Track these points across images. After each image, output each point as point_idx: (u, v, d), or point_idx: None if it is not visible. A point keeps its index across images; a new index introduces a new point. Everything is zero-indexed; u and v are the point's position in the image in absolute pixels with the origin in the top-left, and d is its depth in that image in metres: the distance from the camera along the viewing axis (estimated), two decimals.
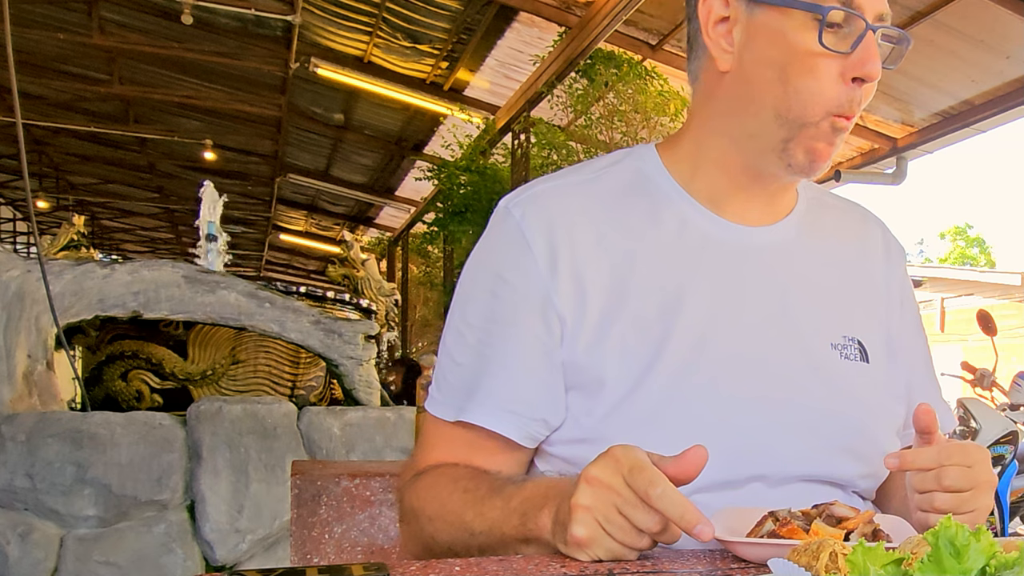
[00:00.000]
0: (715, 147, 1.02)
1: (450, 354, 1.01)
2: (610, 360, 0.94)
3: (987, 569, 0.52)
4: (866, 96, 0.95)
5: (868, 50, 0.92)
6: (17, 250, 13.50)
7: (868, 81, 0.93)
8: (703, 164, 1.03)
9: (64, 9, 7.94)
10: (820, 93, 0.93)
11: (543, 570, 0.73)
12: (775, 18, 0.93)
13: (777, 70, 0.94)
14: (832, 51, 0.92)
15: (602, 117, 6.75)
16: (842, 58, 0.92)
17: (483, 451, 0.97)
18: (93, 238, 13.75)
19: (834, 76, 0.93)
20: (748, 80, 0.97)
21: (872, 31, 0.92)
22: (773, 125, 0.96)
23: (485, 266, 1.02)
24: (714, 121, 1.01)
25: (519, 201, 1.01)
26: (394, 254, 13.55)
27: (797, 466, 0.96)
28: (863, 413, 1.01)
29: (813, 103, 0.93)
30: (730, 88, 0.99)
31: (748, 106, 0.97)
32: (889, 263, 1.14)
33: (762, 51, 0.95)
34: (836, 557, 0.62)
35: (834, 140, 0.96)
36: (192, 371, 4.09)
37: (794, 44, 0.92)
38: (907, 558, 0.54)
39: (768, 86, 0.95)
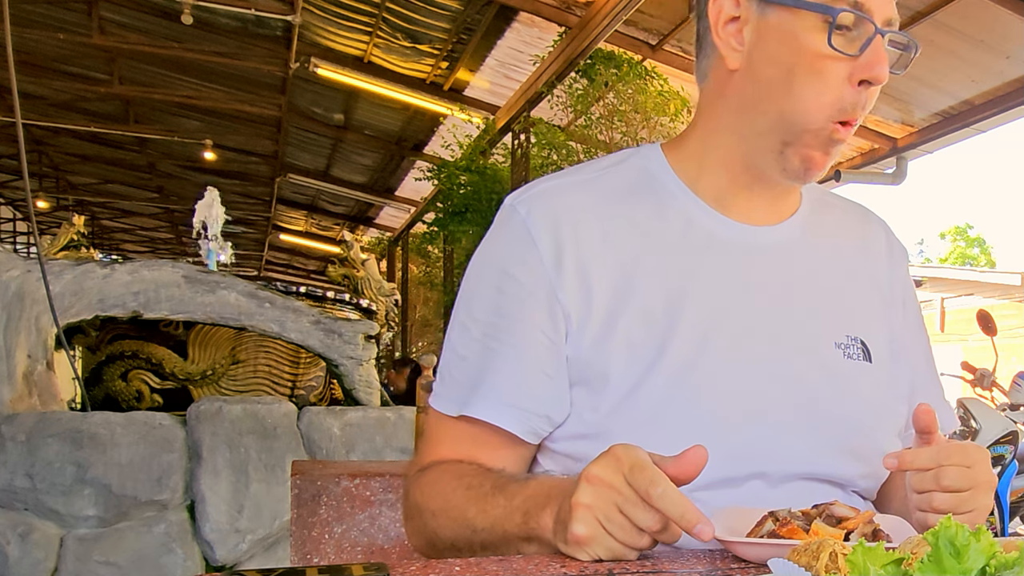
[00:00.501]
0: (721, 146, 1.02)
1: (455, 349, 1.02)
2: (615, 356, 0.94)
3: (987, 569, 0.52)
4: (870, 100, 0.96)
5: (876, 53, 0.93)
6: (17, 250, 13.50)
7: (875, 84, 0.94)
8: (708, 163, 1.03)
9: (64, 9, 7.94)
10: (826, 94, 0.93)
11: (543, 570, 0.73)
12: (786, 19, 0.94)
13: (785, 70, 0.94)
14: (841, 53, 0.92)
15: (602, 117, 6.75)
16: (850, 61, 0.93)
17: (486, 446, 0.98)
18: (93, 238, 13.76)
19: (841, 78, 0.93)
20: (757, 79, 0.97)
21: (881, 35, 0.93)
22: (777, 125, 0.96)
23: (490, 262, 1.02)
24: (722, 119, 1.02)
25: (524, 198, 1.02)
26: (394, 254, 13.55)
27: (798, 465, 0.96)
28: (865, 413, 1.01)
29: (818, 104, 0.94)
30: (739, 86, 0.99)
31: (757, 104, 0.98)
32: (892, 263, 1.14)
33: (772, 51, 0.95)
34: (836, 557, 0.62)
35: (830, 150, 0.97)
36: (192, 371, 4.09)
37: (804, 45, 0.93)
38: (907, 558, 0.54)
39: (776, 85, 0.95)
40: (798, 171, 0.98)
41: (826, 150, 0.97)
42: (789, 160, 0.97)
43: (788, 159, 0.97)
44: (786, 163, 0.97)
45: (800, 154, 0.96)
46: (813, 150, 0.96)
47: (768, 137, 0.97)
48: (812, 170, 0.98)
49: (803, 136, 0.95)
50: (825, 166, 0.98)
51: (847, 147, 7.34)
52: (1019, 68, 5.78)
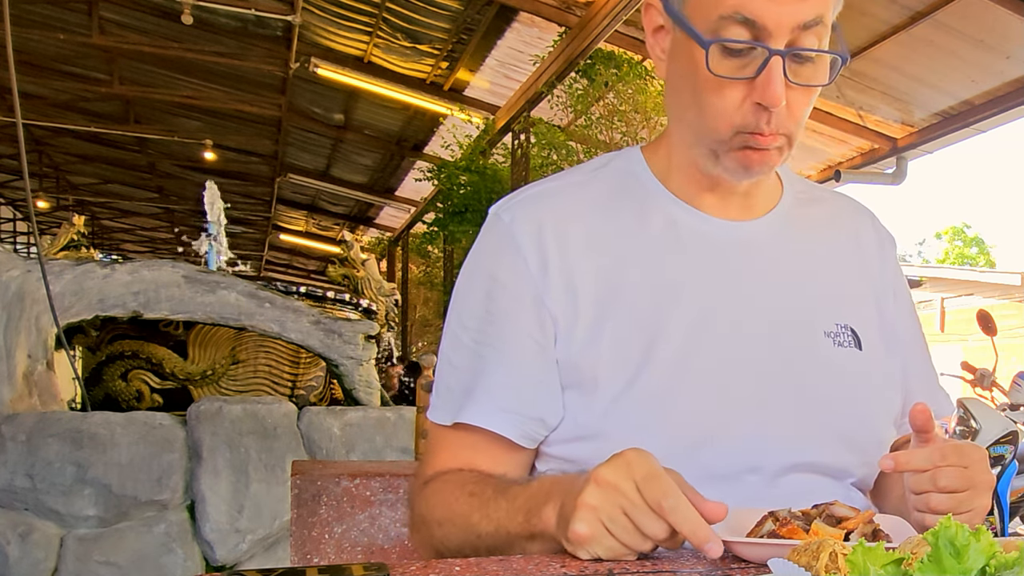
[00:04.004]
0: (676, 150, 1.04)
1: (448, 359, 1.03)
2: (603, 358, 0.95)
3: (987, 569, 0.52)
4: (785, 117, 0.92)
5: (768, 77, 0.88)
6: (17, 250, 13.50)
7: (771, 108, 0.90)
8: (674, 165, 1.05)
9: (64, 9, 7.95)
10: (724, 113, 0.92)
11: (543, 570, 0.73)
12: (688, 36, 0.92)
13: (691, 85, 0.94)
14: (730, 78, 0.90)
15: (602, 117, 6.75)
16: (746, 83, 0.90)
17: (484, 454, 0.98)
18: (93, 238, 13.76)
19: (737, 100, 0.91)
20: (675, 89, 0.99)
21: (781, 55, 0.88)
22: (697, 136, 0.97)
23: (478, 270, 1.03)
24: (670, 126, 1.05)
25: (508, 206, 1.04)
26: (394, 254, 13.56)
27: (792, 455, 0.96)
28: (858, 400, 1.01)
29: (720, 122, 0.93)
30: (667, 95, 1.02)
31: (681, 114, 0.99)
32: (881, 253, 1.15)
33: (681, 65, 0.95)
34: (836, 557, 0.62)
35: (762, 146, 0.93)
36: (192, 371, 4.08)
37: (701, 64, 0.90)
38: (907, 558, 0.54)
39: (685, 97, 0.96)
40: (739, 171, 0.96)
41: (756, 147, 0.93)
42: (725, 164, 0.96)
43: (723, 163, 0.96)
44: (723, 167, 0.96)
45: (732, 157, 0.95)
46: (741, 151, 0.94)
47: (697, 146, 0.98)
48: (753, 168, 0.95)
49: (722, 145, 0.94)
50: (767, 160, 0.95)
51: (847, 147, 7.34)
52: (1019, 68, 5.78)
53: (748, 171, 0.96)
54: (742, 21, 0.87)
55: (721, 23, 0.88)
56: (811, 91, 0.94)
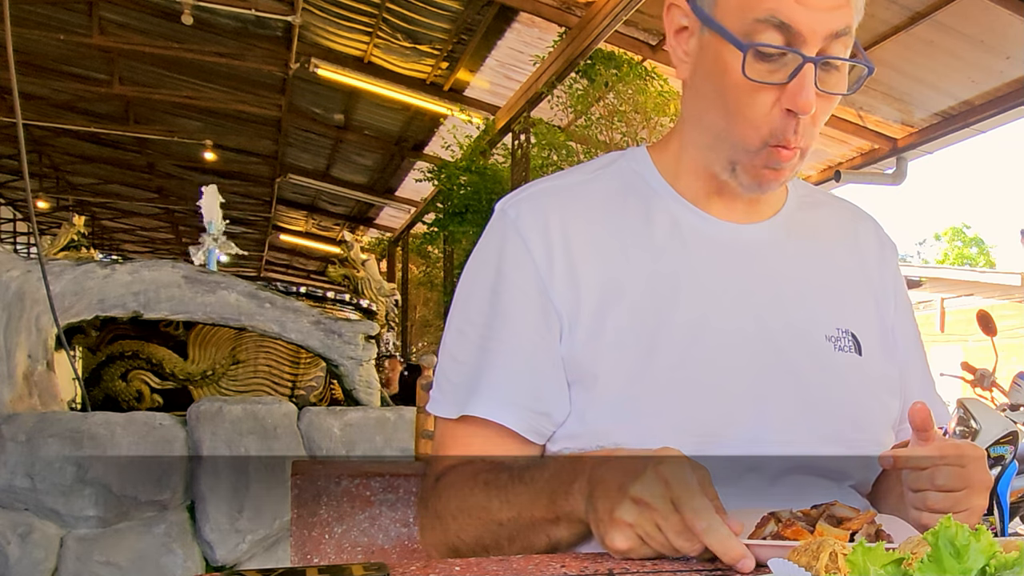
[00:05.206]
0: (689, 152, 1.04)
1: (451, 354, 1.02)
2: (604, 356, 0.95)
3: (987, 569, 0.52)
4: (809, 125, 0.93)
5: (800, 84, 0.89)
6: (17, 250, 13.50)
7: (801, 114, 0.90)
8: (683, 167, 1.05)
9: (64, 9, 7.95)
10: (754, 119, 0.92)
11: (543, 570, 0.73)
12: (717, 39, 0.92)
13: (719, 88, 0.94)
14: (763, 83, 0.90)
15: (602, 117, 6.75)
16: (778, 88, 0.90)
17: (495, 449, 0.98)
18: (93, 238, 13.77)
19: (768, 105, 0.91)
20: (699, 93, 0.98)
21: (814, 63, 0.89)
22: (719, 142, 0.97)
23: (484, 265, 1.03)
24: (686, 128, 1.04)
25: (515, 202, 1.04)
26: (394, 254, 13.56)
27: (792, 457, 0.97)
28: (856, 404, 1.02)
29: (749, 129, 0.93)
30: (689, 97, 1.01)
31: (702, 117, 0.99)
32: (883, 260, 1.15)
33: (708, 67, 0.95)
34: (836, 557, 0.62)
35: (781, 166, 0.95)
36: (192, 371, 4.09)
37: (731, 67, 0.91)
38: (907, 558, 0.54)
39: (712, 101, 0.95)
40: (752, 187, 0.98)
41: (774, 167, 0.95)
42: (740, 177, 0.97)
43: (739, 176, 0.97)
44: (738, 179, 0.98)
45: (749, 172, 0.96)
46: (760, 168, 0.95)
47: (716, 152, 0.98)
48: (765, 184, 0.97)
49: (744, 156, 0.95)
50: (780, 179, 0.97)
51: (847, 147, 7.34)
52: (1019, 68, 5.78)
53: (761, 188, 0.98)
54: (777, 25, 0.88)
55: (755, 26, 0.88)
56: (833, 100, 0.95)
